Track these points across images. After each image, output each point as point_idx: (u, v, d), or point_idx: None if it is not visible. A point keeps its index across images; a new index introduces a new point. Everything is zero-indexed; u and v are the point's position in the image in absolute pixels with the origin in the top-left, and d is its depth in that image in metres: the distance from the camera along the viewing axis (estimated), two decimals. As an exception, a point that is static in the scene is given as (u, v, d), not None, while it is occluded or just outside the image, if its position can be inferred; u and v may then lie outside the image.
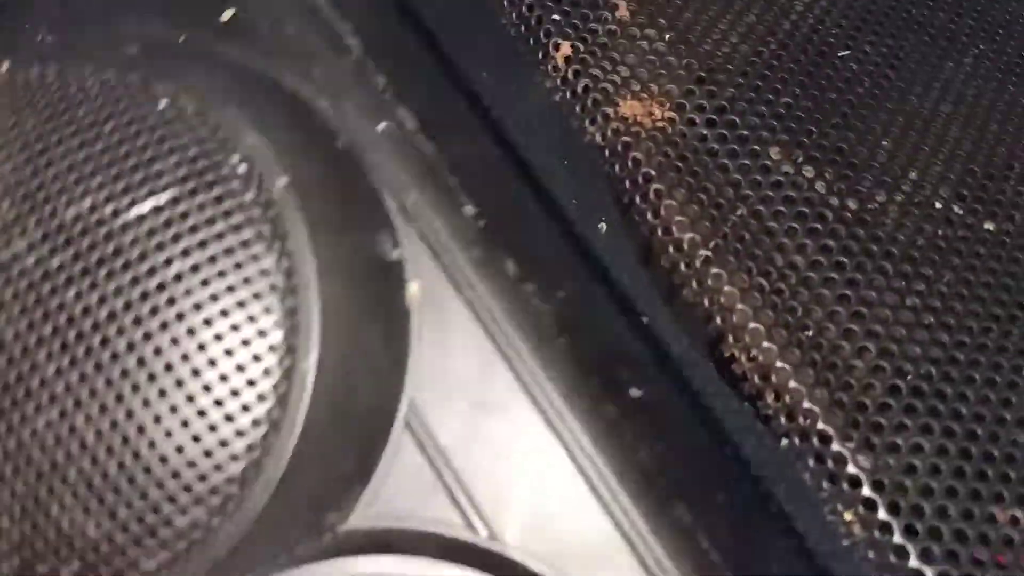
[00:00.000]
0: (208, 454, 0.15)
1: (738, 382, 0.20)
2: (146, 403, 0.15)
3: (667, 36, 0.25)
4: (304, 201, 0.16)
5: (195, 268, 0.15)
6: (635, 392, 0.19)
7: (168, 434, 0.14)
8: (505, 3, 0.25)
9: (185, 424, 0.15)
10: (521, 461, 0.18)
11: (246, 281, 0.15)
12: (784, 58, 0.25)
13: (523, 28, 0.25)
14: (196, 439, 0.15)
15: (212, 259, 0.15)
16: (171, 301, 0.15)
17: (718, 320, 0.19)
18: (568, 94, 0.24)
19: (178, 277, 0.15)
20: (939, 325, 0.21)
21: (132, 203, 0.15)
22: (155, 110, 0.17)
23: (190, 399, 0.15)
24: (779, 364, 0.19)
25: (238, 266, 0.15)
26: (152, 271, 0.15)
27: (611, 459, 0.18)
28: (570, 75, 0.24)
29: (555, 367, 0.18)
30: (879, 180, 0.23)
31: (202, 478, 0.15)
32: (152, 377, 0.15)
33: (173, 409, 0.15)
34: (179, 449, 0.14)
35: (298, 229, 0.15)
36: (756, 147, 0.23)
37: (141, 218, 0.15)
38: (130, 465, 0.14)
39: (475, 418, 0.18)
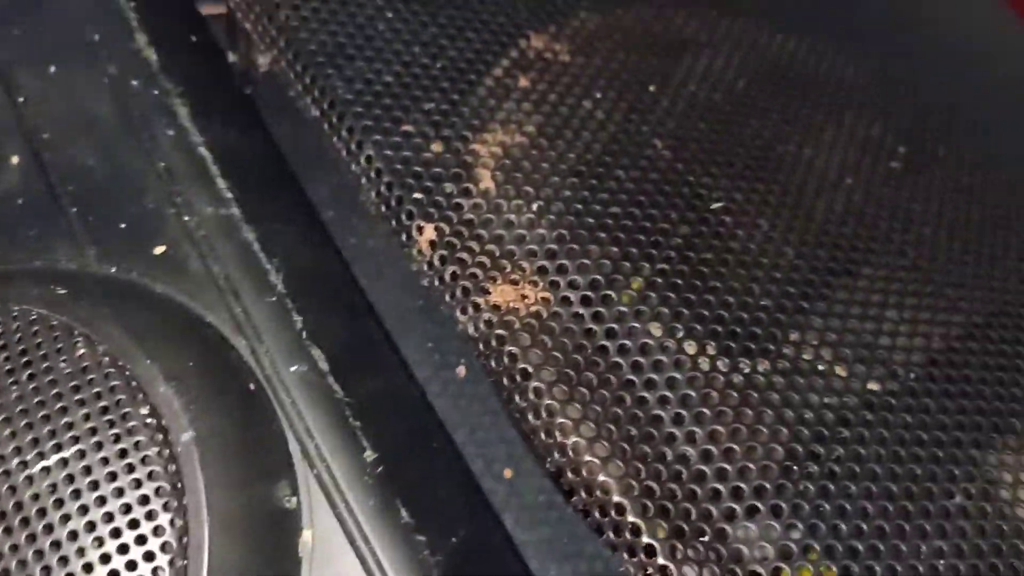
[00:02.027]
0: None
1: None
2: None
3: (535, 206, 0.33)
4: (206, 456, 0.21)
5: (91, 526, 0.20)
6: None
7: None
8: (364, 181, 0.33)
9: None
10: None
11: (140, 540, 0.20)
12: (656, 217, 0.30)
13: (384, 208, 0.33)
14: None
15: (109, 516, 0.20)
16: (63, 560, 0.19)
17: (606, 519, 0.25)
18: (436, 281, 0.31)
19: (73, 535, 0.20)
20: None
21: (40, 456, 0.20)
22: (73, 357, 0.22)
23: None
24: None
25: (133, 524, 0.20)
26: (49, 528, 0.20)
27: None
28: (436, 261, 0.31)
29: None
30: (762, 348, 0.28)
31: None
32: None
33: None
34: None
35: (196, 487, 0.21)
36: (635, 324, 0.31)
37: (47, 470, 0.20)
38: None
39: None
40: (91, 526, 0.20)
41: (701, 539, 0.25)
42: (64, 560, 0.19)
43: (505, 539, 0.27)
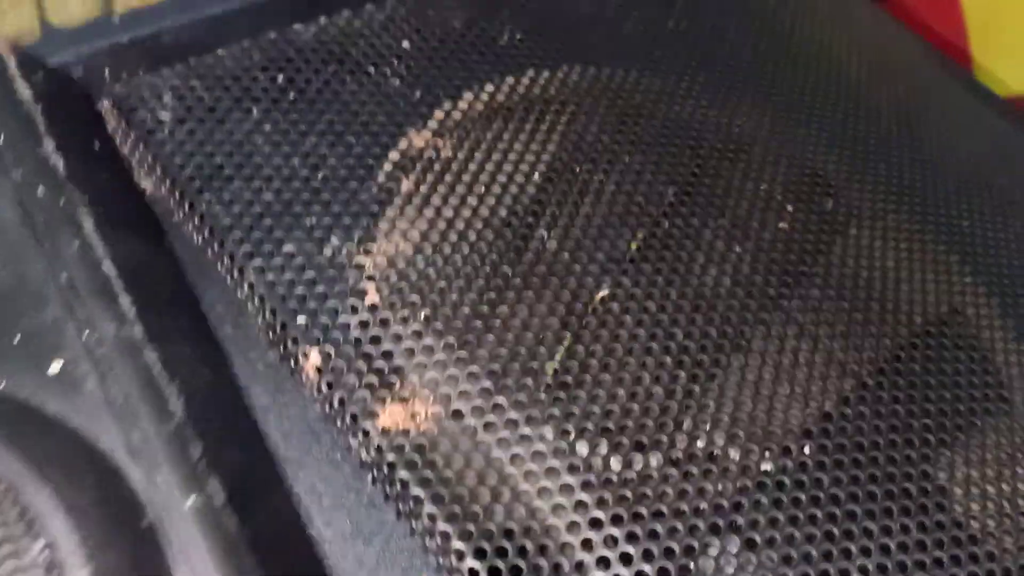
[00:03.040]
0: None
1: None
2: None
3: (422, 314, 0.33)
4: None
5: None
6: None
7: None
8: (249, 307, 0.33)
9: None
10: None
11: None
12: (543, 313, 0.30)
13: (271, 335, 0.32)
14: None
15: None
16: None
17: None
18: (327, 408, 0.30)
19: None
20: None
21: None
22: None
23: None
24: None
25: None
26: None
27: None
28: (324, 387, 0.31)
29: None
30: (654, 440, 0.28)
31: None
32: None
33: None
34: None
35: None
36: (527, 431, 0.31)
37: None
38: None
39: None
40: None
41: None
42: None
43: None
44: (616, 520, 0.27)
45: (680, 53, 0.43)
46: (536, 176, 0.35)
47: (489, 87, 0.38)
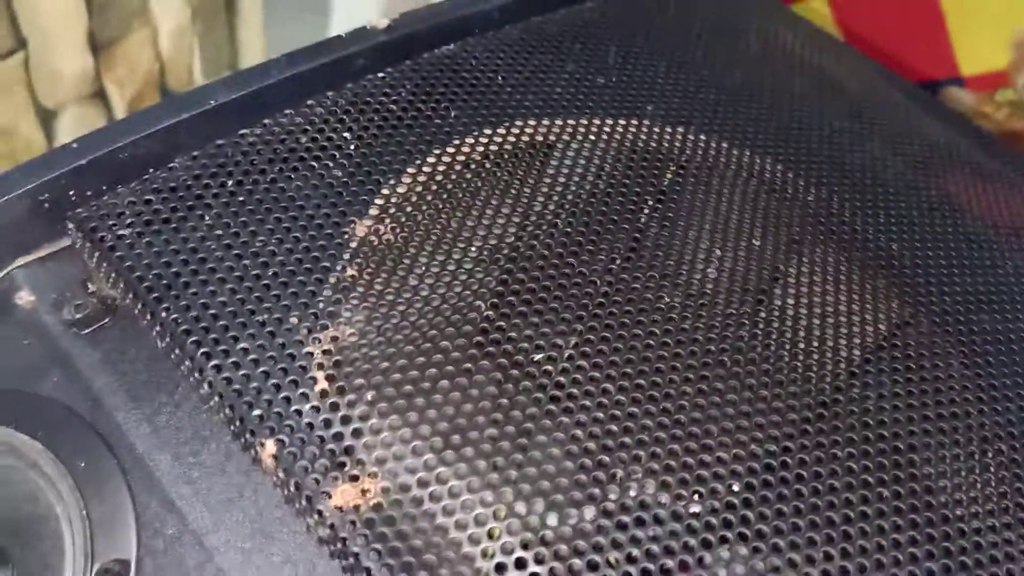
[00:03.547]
0: None
1: None
2: None
3: (369, 396, 0.35)
4: None
5: None
6: None
7: None
8: (211, 405, 0.36)
9: None
10: None
11: None
12: (481, 383, 0.33)
13: (232, 431, 0.35)
14: None
15: None
16: None
17: None
18: (286, 494, 0.34)
19: None
20: None
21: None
22: None
23: None
24: None
25: None
26: None
27: None
28: (281, 475, 0.34)
29: None
30: (588, 495, 0.30)
31: None
32: None
33: None
34: None
35: None
36: (468, 496, 0.33)
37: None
38: None
39: None
40: None
41: None
42: None
43: None
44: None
45: (612, 108, 0.46)
46: (473, 250, 0.38)
47: (426, 165, 0.41)
